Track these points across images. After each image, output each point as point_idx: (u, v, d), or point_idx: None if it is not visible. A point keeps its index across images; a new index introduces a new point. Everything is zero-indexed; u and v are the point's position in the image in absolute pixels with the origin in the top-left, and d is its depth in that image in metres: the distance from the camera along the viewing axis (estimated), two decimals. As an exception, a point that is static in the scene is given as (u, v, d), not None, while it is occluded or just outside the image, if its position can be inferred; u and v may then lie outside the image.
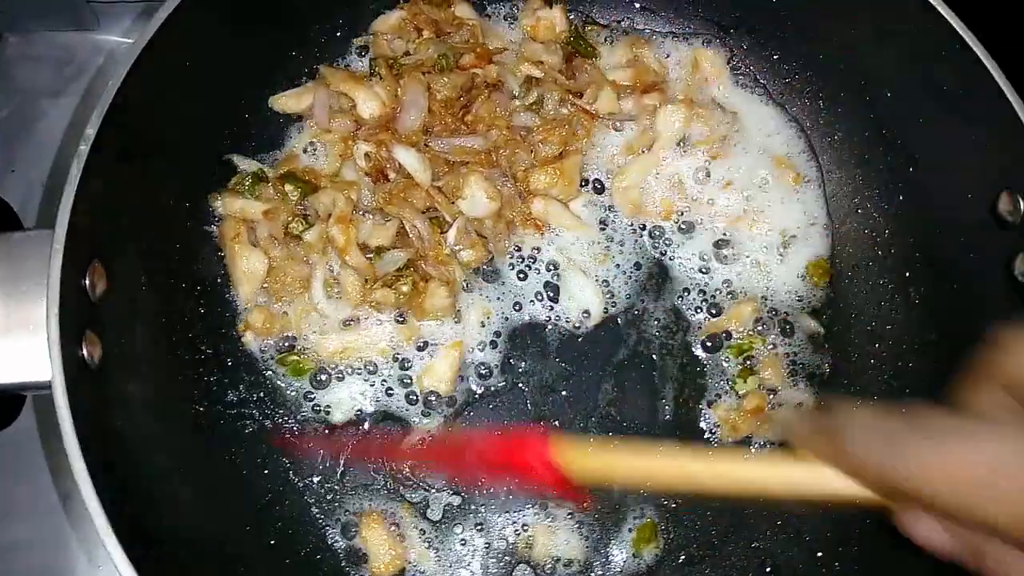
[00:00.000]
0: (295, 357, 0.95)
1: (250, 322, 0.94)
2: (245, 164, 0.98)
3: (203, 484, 0.86)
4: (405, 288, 0.95)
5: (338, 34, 1.05)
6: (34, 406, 0.96)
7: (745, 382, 1.00)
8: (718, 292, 1.02)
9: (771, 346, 1.01)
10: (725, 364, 1.00)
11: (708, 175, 1.05)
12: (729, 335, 1.01)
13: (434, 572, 0.91)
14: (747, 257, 1.03)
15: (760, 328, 1.01)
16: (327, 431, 0.95)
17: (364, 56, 1.03)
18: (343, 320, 0.96)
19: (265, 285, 0.96)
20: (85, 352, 0.75)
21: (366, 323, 0.96)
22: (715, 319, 1.01)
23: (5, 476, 0.99)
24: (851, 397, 1.00)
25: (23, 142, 1.16)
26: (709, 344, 1.00)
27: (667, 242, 1.03)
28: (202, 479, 0.87)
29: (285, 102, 1.00)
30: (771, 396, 0.99)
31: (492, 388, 0.98)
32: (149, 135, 0.84)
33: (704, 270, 1.03)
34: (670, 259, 1.03)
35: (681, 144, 1.05)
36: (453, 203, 0.97)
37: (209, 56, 0.89)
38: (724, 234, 1.04)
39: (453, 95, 0.99)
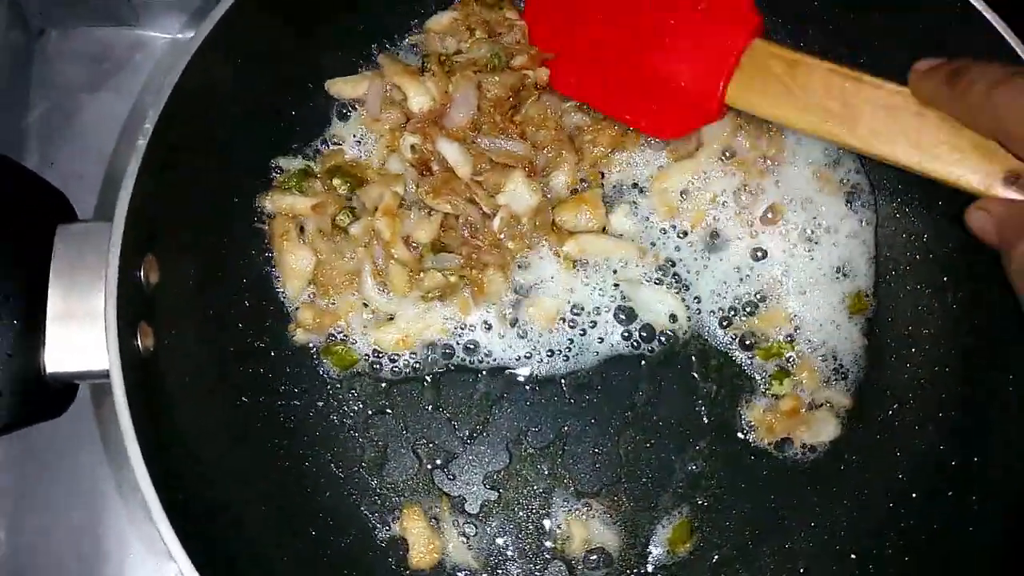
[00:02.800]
0: (340, 347, 0.96)
1: (300, 320, 0.96)
2: (291, 164, 0.99)
3: (248, 472, 0.88)
4: (453, 279, 0.96)
5: (394, 30, 1.05)
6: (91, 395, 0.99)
7: (781, 384, 1.00)
8: (750, 300, 1.02)
9: (804, 350, 1.01)
10: (760, 366, 1.00)
11: (750, 189, 1.04)
12: (761, 338, 1.01)
13: (469, 565, 0.93)
14: (782, 271, 1.03)
15: (792, 335, 1.01)
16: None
17: (417, 53, 1.04)
18: (391, 312, 0.97)
19: (312, 283, 0.97)
20: (139, 342, 0.76)
21: (416, 311, 0.97)
22: (748, 321, 1.01)
23: (60, 463, 1.02)
24: (886, 401, 1.00)
25: (62, 137, 1.18)
26: (744, 345, 1.01)
27: (702, 247, 1.03)
28: (247, 467, 0.88)
29: (341, 87, 1.01)
30: (806, 397, 0.99)
31: (535, 373, 0.98)
32: (203, 131, 0.85)
33: (740, 279, 1.02)
34: (704, 265, 1.03)
35: (725, 156, 1.05)
36: (493, 197, 0.98)
37: (262, 52, 0.90)
38: (760, 247, 1.03)
39: (503, 95, 1.00)
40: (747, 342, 1.01)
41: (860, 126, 0.87)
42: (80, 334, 0.75)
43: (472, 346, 0.98)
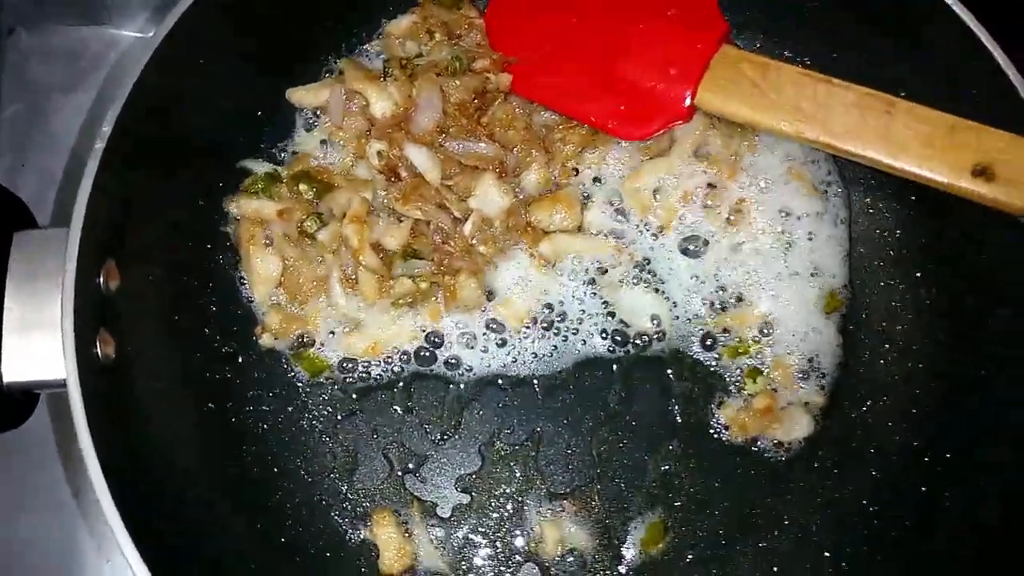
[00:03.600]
0: (310, 352, 0.96)
1: (267, 324, 0.95)
2: (258, 167, 0.99)
3: (216, 480, 0.88)
4: (424, 285, 0.96)
5: (353, 31, 1.05)
6: (48, 404, 0.97)
7: (754, 382, 0.99)
8: (723, 298, 1.01)
9: (778, 349, 1.00)
10: (732, 365, 1.00)
11: (723, 187, 1.03)
12: (734, 336, 1.00)
13: (441, 570, 0.92)
14: (755, 269, 1.02)
15: (766, 332, 1.00)
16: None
17: (379, 57, 1.04)
18: (360, 319, 0.97)
19: (280, 287, 0.96)
20: (99, 350, 0.76)
21: (387, 318, 0.97)
22: (720, 319, 1.00)
23: (20, 472, 1.00)
24: (861, 398, 0.99)
25: (35, 137, 1.17)
26: (716, 343, 1.00)
27: (675, 246, 1.02)
28: (215, 475, 0.88)
29: (302, 96, 1.00)
30: (779, 396, 0.99)
31: (507, 375, 0.98)
32: (164, 134, 0.85)
33: (714, 277, 1.01)
34: (678, 263, 1.02)
35: (698, 155, 1.04)
36: (464, 201, 0.97)
37: (223, 53, 0.90)
38: (733, 246, 1.02)
39: (467, 97, 0.99)
40: (719, 341, 1.00)
41: (832, 125, 0.89)
42: (38, 343, 0.74)
43: (443, 351, 0.98)
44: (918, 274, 1.01)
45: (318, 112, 1.01)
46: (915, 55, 0.94)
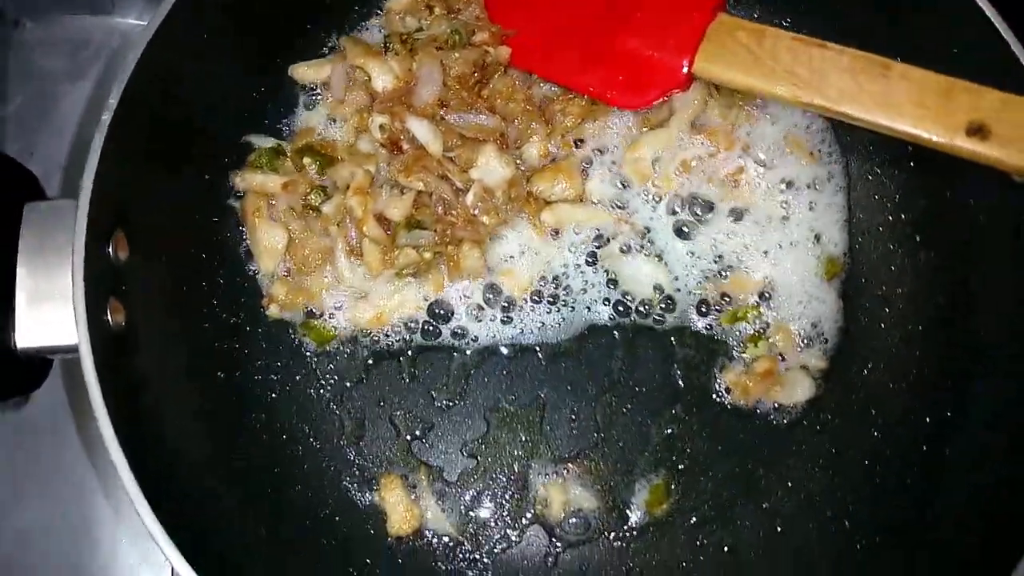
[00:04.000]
0: (317, 322, 0.97)
1: (273, 295, 0.97)
2: (262, 141, 1.00)
3: (225, 445, 0.89)
4: (427, 255, 0.97)
5: (354, 8, 1.06)
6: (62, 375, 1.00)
7: (756, 346, 1.01)
8: (723, 265, 1.02)
9: (779, 314, 1.02)
10: (734, 330, 1.01)
11: (721, 156, 1.04)
12: (734, 302, 1.01)
13: (448, 532, 0.94)
14: (755, 237, 1.03)
15: (766, 298, 1.01)
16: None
17: (380, 32, 1.05)
18: (366, 290, 0.98)
19: (286, 259, 0.98)
20: (110, 318, 0.78)
21: (391, 288, 0.98)
22: (721, 285, 1.01)
23: (37, 441, 1.03)
24: (861, 361, 1.01)
25: (42, 125, 1.19)
26: (717, 309, 1.01)
27: (676, 214, 1.03)
28: (224, 441, 0.90)
29: (304, 72, 1.02)
30: (781, 360, 1.00)
31: (511, 343, 1.00)
32: (169, 109, 0.86)
33: (714, 245, 1.03)
34: (679, 231, 1.03)
35: (696, 125, 1.05)
36: (465, 172, 0.98)
37: (225, 30, 0.91)
38: (733, 213, 1.03)
39: (467, 70, 1.00)
40: (720, 307, 1.01)
41: (828, 88, 0.89)
42: (50, 310, 0.76)
43: (448, 320, 0.99)
44: (917, 238, 1.02)
45: (320, 88, 1.03)
46: (910, 19, 0.95)
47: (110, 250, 0.79)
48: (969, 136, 0.84)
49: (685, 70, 0.95)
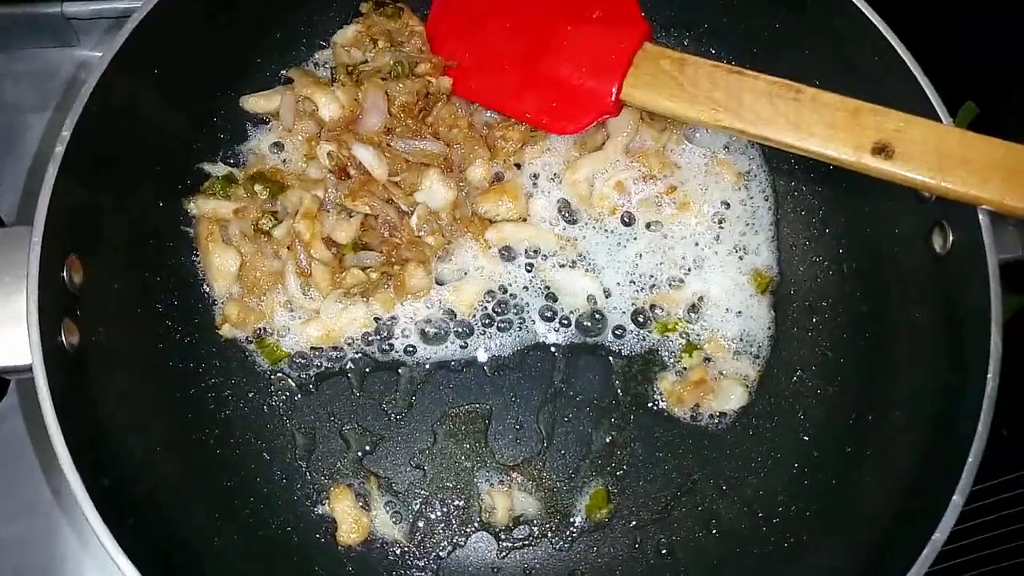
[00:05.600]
0: (270, 341, 1.01)
1: (226, 315, 1.01)
2: (216, 169, 1.04)
3: (179, 462, 0.92)
4: (375, 276, 1.01)
5: (302, 41, 1.11)
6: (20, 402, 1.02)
7: (690, 356, 1.06)
8: (657, 280, 1.07)
9: (711, 326, 1.07)
10: (669, 342, 1.06)
11: (654, 177, 1.10)
12: (667, 315, 1.06)
13: (397, 540, 0.98)
14: (686, 252, 1.08)
15: (697, 311, 1.07)
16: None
17: (326, 66, 1.10)
18: (316, 309, 1.02)
19: (238, 281, 1.02)
20: (64, 339, 0.81)
21: (339, 308, 1.02)
22: (655, 298, 1.07)
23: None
24: (791, 369, 1.06)
25: (7, 155, 1.22)
26: (651, 322, 1.06)
27: (612, 233, 1.08)
28: (178, 457, 0.92)
29: (255, 102, 1.06)
30: (714, 369, 1.05)
31: (458, 357, 1.04)
32: (122, 137, 0.90)
33: (648, 261, 1.08)
34: (614, 248, 1.08)
35: (630, 148, 1.11)
36: (411, 195, 1.03)
37: (177, 62, 0.95)
38: (665, 231, 1.09)
39: (411, 100, 1.05)
40: (654, 319, 1.06)
41: (745, 112, 0.95)
42: (5, 332, 0.79)
43: (396, 338, 1.04)
44: (840, 250, 1.08)
45: (270, 117, 1.07)
46: (823, 46, 1.02)
47: (64, 274, 0.82)
48: (875, 155, 0.90)
49: (613, 96, 1.01)
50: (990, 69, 1.25)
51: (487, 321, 1.05)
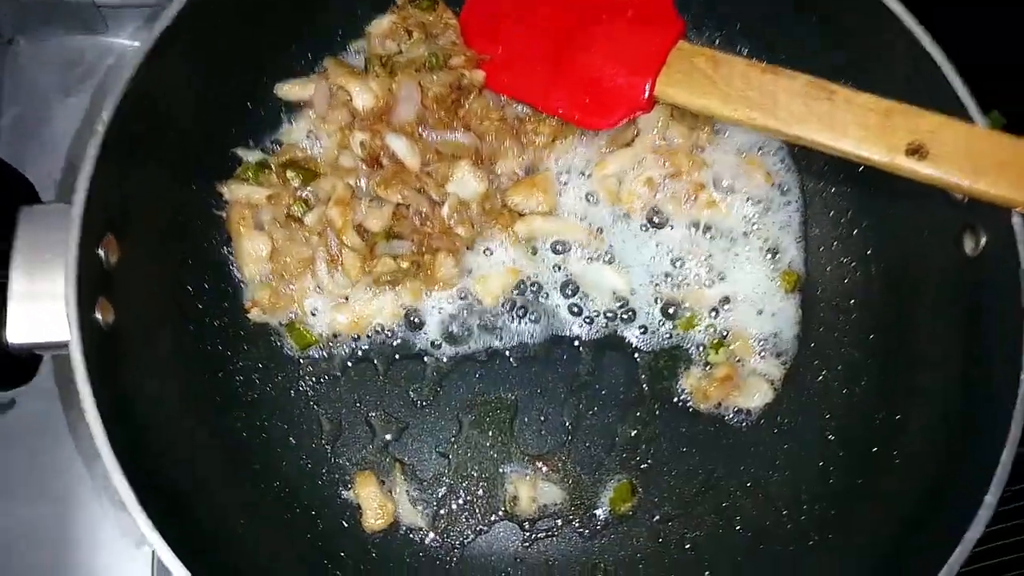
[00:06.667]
0: (299, 327, 1.02)
1: (256, 299, 1.02)
2: (250, 155, 1.05)
3: (206, 443, 0.93)
4: (404, 264, 1.02)
5: (338, 31, 1.11)
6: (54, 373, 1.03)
7: (717, 353, 1.06)
8: (685, 277, 1.07)
9: (738, 324, 1.07)
10: (695, 338, 1.06)
11: (683, 175, 1.10)
12: (694, 312, 1.06)
13: (420, 527, 0.98)
14: (715, 250, 1.08)
15: (725, 309, 1.07)
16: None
17: (361, 55, 1.10)
18: (345, 296, 1.03)
19: (269, 266, 1.02)
20: (99, 316, 0.82)
21: (368, 295, 1.03)
22: (682, 296, 1.07)
23: (31, 436, 1.06)
24: (817, 368, 1.06)
25: (35, 142, 1.23)
26: (678, 318, 1.06)
27: (640, 229, 1.09)
28: (206, 438, 0.93)
29: (289, 90, 1.07)
30: (740, 366, 1.05)
31: (483, 348, 1.04)
32: (161, 120, 0.91)
33: (676, 259, 1.08)
34: (643, 245, 1.08)
35: (660, 144, 1.11)
36: (442, 186, 1.04)
37: (215, 51, 0.96)
38: (694, 229, 1.09)
39: (444, 92, 1.06)
40: (680, 316, 1.06)
41: (778, 111, 0.95)
42: (42, 308, 0.79)
43: (424, 326, 1.04)
44: (868, 251, 1.07)
45: (304, 105, 1.08)
46: (856, 46, 1.02)
47: (101, 253, 0.83)
48: (908, 156, 0.89)
49: (647, 93, 1.01)
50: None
51: (514, 313, 1.05)
